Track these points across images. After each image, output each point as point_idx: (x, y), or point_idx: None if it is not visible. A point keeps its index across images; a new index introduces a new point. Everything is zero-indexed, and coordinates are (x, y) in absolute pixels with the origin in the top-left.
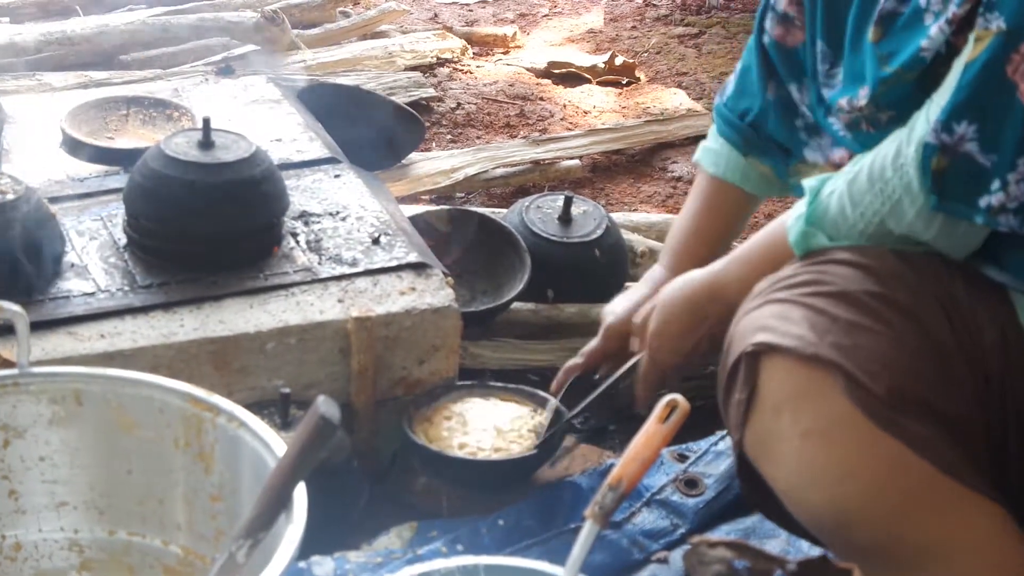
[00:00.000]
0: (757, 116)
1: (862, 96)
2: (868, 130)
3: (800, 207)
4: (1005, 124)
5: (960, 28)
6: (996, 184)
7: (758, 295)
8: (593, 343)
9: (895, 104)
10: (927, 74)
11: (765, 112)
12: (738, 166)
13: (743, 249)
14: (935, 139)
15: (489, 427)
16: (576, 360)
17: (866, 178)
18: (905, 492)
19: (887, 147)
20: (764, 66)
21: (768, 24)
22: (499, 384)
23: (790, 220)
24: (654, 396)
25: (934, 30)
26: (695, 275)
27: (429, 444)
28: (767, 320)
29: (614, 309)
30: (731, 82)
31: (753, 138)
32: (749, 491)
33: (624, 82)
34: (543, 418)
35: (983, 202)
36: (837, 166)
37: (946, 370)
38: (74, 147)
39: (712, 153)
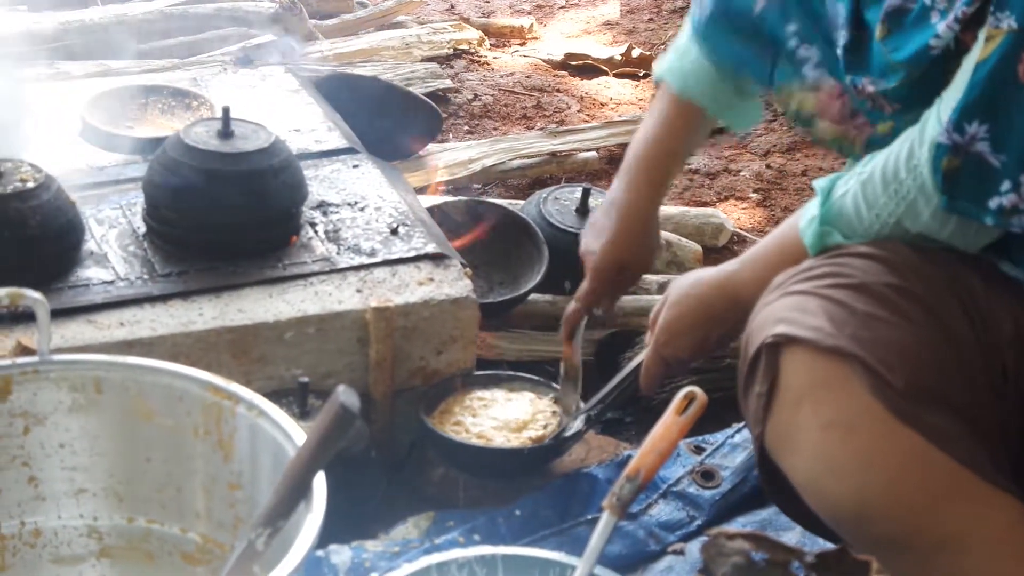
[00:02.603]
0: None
1: (867, 84)
2: (873, 110)
3: (812, 209)
4: (1015, 124)
5: (968, 25)
6: (1007, 185)
7: (776, 288)
8: (584, 285)
9: (902, 98)
10: (936, 70)
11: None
12: (710, 88)
13: (756, 250)
14: (947, 139)
15: (506, 417)
16: (574, 306)
17: (880, 179)
18: (924, 485)
19: (899, 147)
20: None
21: None
22: (516, 375)
23: (803, 223)
24: (657, 386)
25: (942, 28)
26: (706, 274)
27: (446, 433)
28: (786, 312)
29: (590, 247)
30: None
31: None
32: (769, 488)
33: (641, 74)
34: (559, 408)
35: (993, 203)
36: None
37: (964, 363)
38: (93, 136)
39: (681, 73)
